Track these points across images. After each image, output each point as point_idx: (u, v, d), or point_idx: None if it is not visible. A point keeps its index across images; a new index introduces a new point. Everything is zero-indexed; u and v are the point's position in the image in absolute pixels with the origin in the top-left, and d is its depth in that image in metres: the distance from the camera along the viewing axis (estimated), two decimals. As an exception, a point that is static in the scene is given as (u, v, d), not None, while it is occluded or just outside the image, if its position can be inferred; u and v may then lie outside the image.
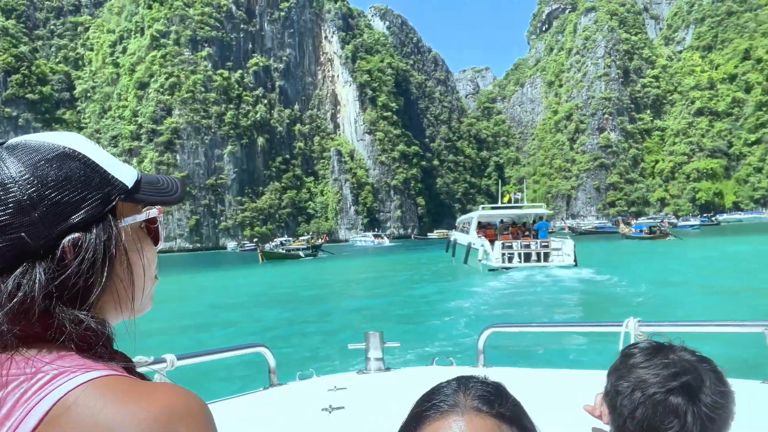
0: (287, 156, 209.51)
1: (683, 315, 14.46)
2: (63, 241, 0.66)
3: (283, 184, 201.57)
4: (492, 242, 28.08)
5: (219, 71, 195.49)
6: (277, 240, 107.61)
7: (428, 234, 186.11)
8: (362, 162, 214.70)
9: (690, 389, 1.02)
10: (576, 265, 26.17)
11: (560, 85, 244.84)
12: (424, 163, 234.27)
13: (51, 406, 0.60)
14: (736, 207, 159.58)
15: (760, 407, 2.15)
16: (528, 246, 27.17)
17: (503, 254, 26.99)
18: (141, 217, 0.76)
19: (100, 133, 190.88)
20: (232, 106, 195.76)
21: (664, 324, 2.75)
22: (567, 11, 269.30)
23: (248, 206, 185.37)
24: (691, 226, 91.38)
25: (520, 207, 35.37)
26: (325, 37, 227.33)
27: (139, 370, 0.72)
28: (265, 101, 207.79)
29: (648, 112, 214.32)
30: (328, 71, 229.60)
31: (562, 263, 26.42)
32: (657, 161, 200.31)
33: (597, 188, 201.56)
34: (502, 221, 32.85)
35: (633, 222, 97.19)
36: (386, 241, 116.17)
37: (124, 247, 0.72)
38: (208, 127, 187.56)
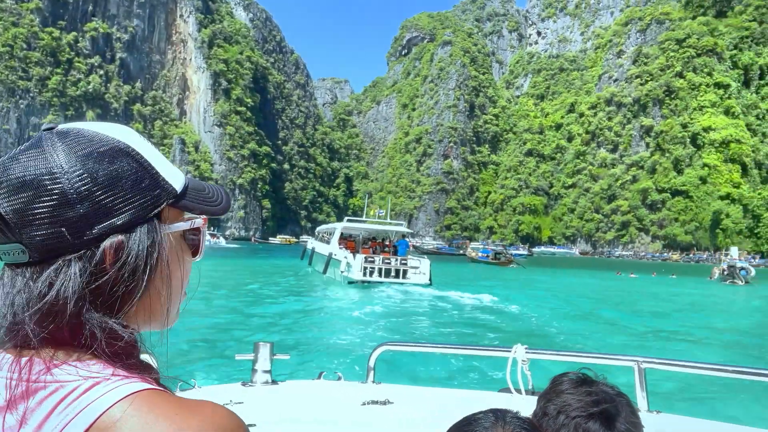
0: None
1: (561, 338, 15.04)
2: (104, 242, 0.63)
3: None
4: (353, 255, 28.16)
5: (48, 29, 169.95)
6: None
7: (270, 238, 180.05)
8: (208, 155, 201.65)
9: (608, 417, 1.13)
10: (431, 284, 27.13)
11: (413, 109, 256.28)
12: (274, 165, 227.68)
13: (96, 418, 0.56)
14: (551, 241, 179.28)
15: None
16: (389, 262, 27.90)
17: (365, 268, 27.26)
18: (186, 225, 0.73)
19: None
20: (59, 71, 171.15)
21: (548, 353, 2.92)
22: (426, 41, 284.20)
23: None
24: (521, 255, 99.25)
25: (384, 223, 35.60)
26: (181, 16, 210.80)
27: None
28: (102, 72, 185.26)
29: (486, 146, 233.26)
30: (180, 53, 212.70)
31: (419, 281, 27.41)
32: (489, 192, 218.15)
33: (437, 211, 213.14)
34: (359, 235, 33.35)
35: (470, 246, 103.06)
36: (222, 241, 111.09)
37: (167, 256, 0.69)
38: (25, 90, 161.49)
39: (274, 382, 3.01)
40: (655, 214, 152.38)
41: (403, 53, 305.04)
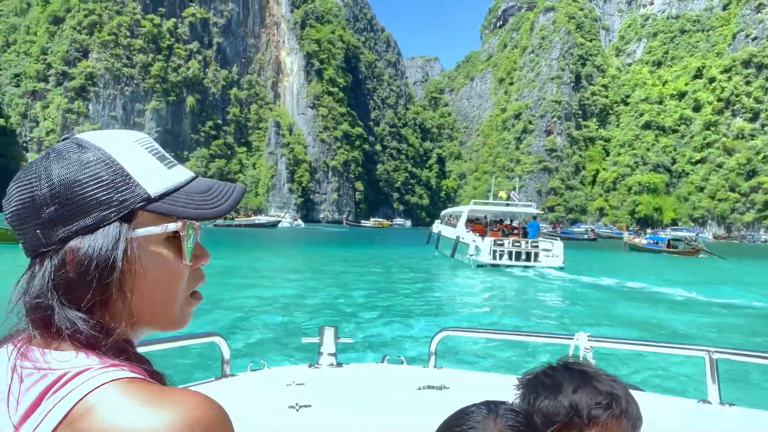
0: (219, 121, 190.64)
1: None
2: (69, 243, 0.66)
3: (211, 152, 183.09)
4: (481, 238, 27.76)
5: (149, 16, 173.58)
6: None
7: (362, 221, 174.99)
8: (301, 137, 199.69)
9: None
10: (563, 268, 26.11)
11: (511, 83, 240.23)
12: (366, 146, 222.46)
13: (73, 406, 0.58)
14: (674, 223, 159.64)
15: (694, 425, 2.34)
16: (519, 244, 27.16)
17: (494, 251, 26.76)
18: (157, 229, 0.70)
19: (1, 69, 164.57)
20: (161, 57, 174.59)
21: (612, 341, 2.93)
22: (524, 9, 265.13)
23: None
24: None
25: (512, 204, 34.33)
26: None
27: None
28: (200, 58, 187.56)
29: (594, 120, 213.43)
30: (274, 35, 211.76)
31: (551, 264, 26.44)
32: (597, 171, 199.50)
33: (539, 191, 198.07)
34: (485, 217, 33.12)
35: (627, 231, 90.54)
36: (302, 224, 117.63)
37: (138, 259, 0.68)
38: (130, 77, 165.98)
39: (338, 364, 3.10)
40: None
41: (498, 25, 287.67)
